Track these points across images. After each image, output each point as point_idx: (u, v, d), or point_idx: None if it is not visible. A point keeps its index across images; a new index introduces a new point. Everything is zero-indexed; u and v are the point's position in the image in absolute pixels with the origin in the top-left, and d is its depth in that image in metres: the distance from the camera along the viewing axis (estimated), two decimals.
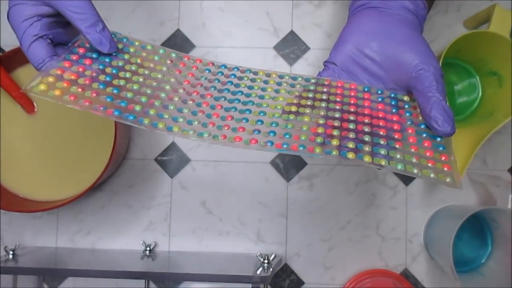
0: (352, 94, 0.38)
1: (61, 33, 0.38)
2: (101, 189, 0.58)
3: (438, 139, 0.35)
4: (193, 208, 0.57)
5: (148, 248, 0.56)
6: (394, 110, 0.37)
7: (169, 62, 0.40)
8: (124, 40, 0.40)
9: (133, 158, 0.58)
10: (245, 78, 0.40)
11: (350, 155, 0.32)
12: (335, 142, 0.33)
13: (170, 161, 0.58)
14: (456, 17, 0.58)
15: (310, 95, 0.38)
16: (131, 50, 0.39)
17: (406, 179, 0.57)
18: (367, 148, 0.33)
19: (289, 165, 0.57)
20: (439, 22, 0.58)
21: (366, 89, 0.39)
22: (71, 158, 0.55)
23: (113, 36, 0.38)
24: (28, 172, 0.55)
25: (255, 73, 0.41)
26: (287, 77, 0.40)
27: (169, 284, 0.57)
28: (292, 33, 0.59)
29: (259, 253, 0.50)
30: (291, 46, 0.58)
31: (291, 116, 0.36)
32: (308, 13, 0.59)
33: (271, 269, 0.47)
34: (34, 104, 0.55)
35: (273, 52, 0.58)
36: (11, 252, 0.53)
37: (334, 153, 0.32)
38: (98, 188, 0.58)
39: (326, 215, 0.57)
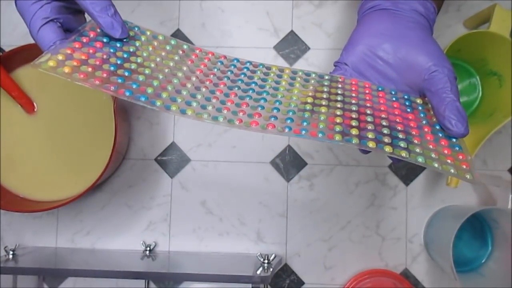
0: (367, 91, 0.38)
1: (71, 19, 0.36)
2: (101, 189, 0.58)
3: (454, 139, 0.35)
4: (193, 208, 0.57)
5: (148, 248, 0.56)
6: (409, 110, 0.37)
7: (181, 52, 0.39)
8: (136, 29, 0.39)
9: (133, 158, 0.58)
10: (258, 72, 0.39)
11: (371, 144, 0.32)
12: (354, 132, 0.33)
13: (170, 161, 0.58)
14: (456, 17, 0.58)
15: (325, 89, 0.38)
16: (143, 38, 0.39)
17: (406, 179, 0.57)
18: (386, 140, 0.33)
19: (289, 165, 0.57)
20: (439, 22, 0.58)
21: (380, 89, 0.39)
22: (71, 158, 0.55)
23: (124, 23, 0.37)
24: (28, 172, 0.55)
25: (268, 67, 0.40)
26: (300, 73, 0.40)
27: (169, 284, 0.57)
28: (292, 33, 0.59)
29: (259, 253, 0.50)
30: (291, 46, 0.58)
31: (308, 106, 0.35)
32: (308, 13, 0.59)
33: (271, 269, 0.47)
34: (34, 104, 0.55)
35: (273, 52, 0.58)
36: (11, 252, 0.53)
37: (354, 141, 0.32)
38: (98, 188, 0.58)
39: (326, 215, 0.57)
